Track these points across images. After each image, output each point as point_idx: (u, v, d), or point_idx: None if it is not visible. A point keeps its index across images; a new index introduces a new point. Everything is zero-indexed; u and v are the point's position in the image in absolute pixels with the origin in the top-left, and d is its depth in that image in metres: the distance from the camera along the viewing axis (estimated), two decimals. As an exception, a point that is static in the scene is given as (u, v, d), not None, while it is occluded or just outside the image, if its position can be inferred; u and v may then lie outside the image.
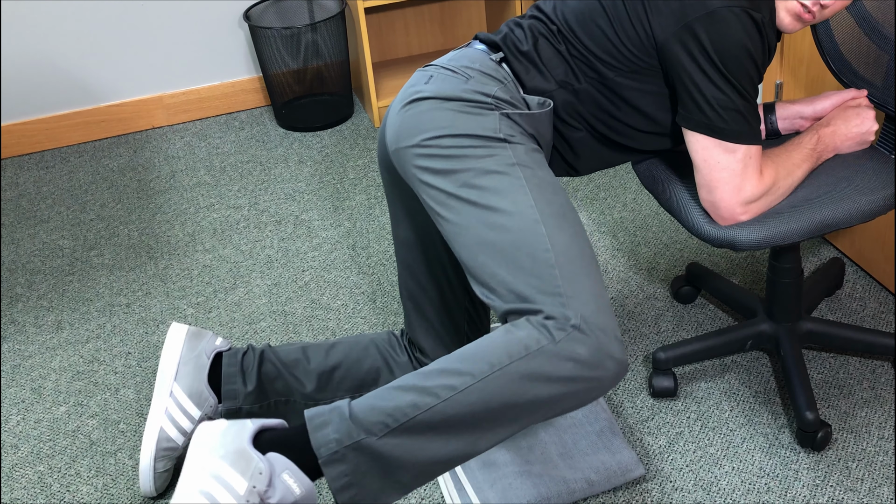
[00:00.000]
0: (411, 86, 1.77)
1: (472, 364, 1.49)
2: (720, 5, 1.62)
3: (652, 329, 2.30)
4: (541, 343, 1.47)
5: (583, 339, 1.47)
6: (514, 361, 1.47)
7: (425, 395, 1.48)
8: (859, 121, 1.87)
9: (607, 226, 2.69)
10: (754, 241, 1.74)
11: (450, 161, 1.64)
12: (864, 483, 1.87)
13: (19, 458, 2.09)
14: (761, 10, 1.66)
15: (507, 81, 1.74)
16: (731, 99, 1.66)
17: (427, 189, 1.65)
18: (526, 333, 1.49)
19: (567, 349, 1.47)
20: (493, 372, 1.48)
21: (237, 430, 1.53)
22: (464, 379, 1.48)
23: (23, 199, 3.07)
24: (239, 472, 1.47)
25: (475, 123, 1.65)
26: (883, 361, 2.14)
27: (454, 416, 1.48)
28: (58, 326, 2.48)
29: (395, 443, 1.48)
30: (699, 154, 1.72)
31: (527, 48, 1.76)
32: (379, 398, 1.50)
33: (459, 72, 1.74)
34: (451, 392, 1.48)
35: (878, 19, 1.86)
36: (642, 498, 1.88)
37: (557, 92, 1.75)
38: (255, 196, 2.98)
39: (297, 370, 1.96)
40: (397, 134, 1.71)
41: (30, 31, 3.20)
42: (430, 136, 1.66)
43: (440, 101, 1.69)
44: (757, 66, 1.67)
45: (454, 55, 1.81)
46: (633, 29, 1.70)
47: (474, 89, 1.70)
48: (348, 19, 3.34)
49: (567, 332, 1.48)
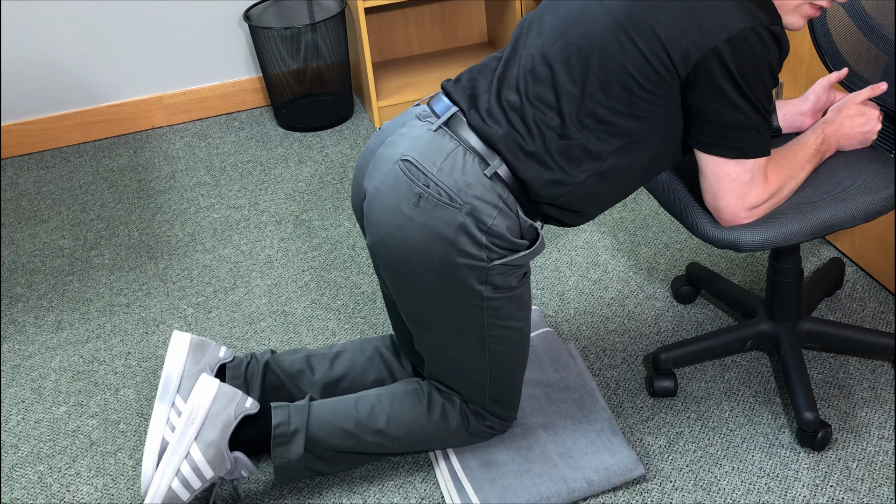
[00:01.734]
0: (403, 180, 1.69)
1: (408, 438, 1.90)
2: (742, 27, 1.57)
3: (652, 329, 2.30)
4: (460, 431, 1.92)
5: (494, 422, 1.93)
6: (436, 441, 1.93)
7: (362, 444, 1.89)
8: (863, 120, 1.86)
9: (607, 226, 2.69)
10: (758, 242, 1.74)
11: (424, 297, 1.76)
12: (864, 483, 1.87)
13: (19, 458, 2.09)
14: (776, 21, 1.62)
15: (504, 196, 1.68)
16: (749, 117, 1.63)
17: (396, 291, 1.81)
18: (455, 426, 1.91)
19: (480, 429, 1.93)
20: (418, 446, 1.94)
21: (223, 426, 1.85)
22: (395, 445, 1.91)
23: (23, 199, 3.07)
24: (212, 468, 1.82)
25: (457, 288, 1.73)
26: (883, 361, 2.14)
27: (379, 453, 1.95)
28: (58, 326, 2.48)
29: (330, 458, 1.91)
30: (709, 167, 1.70)
31: (534, 149, 1.68)
32: (331, 434, 1.88)
33: (455, 199, 1.66)
34: (378, 448, 1.91)
35: (876, 19, 1.86)
36: (642, 498, 1.88)
37: (575, 190, 1.71)
38: (255, 196, 2.98)
39: (302, 382, 1.97)
40: (381, 240, 1.73)
41: (30, 31, 3.20)
42: (411, 277, 1.73)
43: (431, 240, 1.68)
44: (774, 77, 1.64)
45: (444, 163, 1.68)
46: (650, 68, 1.61)
47: (468, 230, 1.66)
48: (348, 19, 3.34)
49: (485, 419, 1.92)
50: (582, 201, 1.74)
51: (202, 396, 1.82)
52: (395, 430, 1.89)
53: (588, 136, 1.67)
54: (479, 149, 1.68)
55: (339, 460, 1.91)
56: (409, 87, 3.42)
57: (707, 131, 1.67)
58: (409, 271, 1.72)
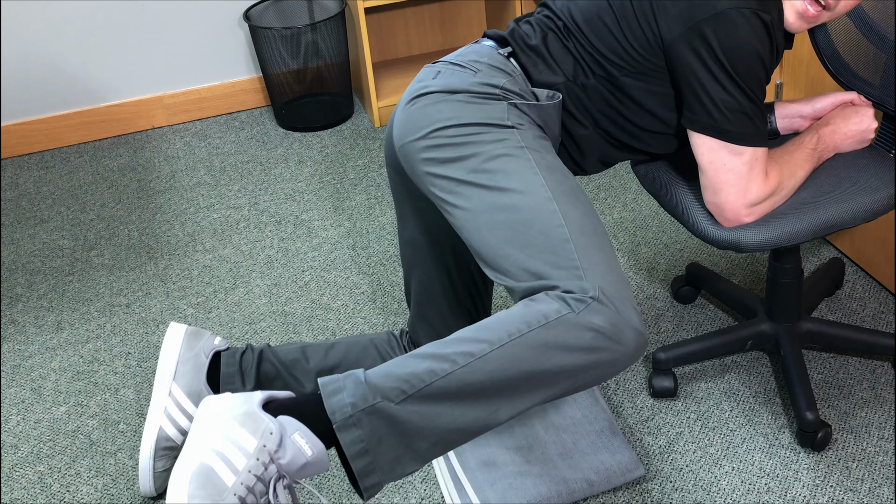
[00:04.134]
0: (418, 81, 1.76)
1: (491, 333, 1.47)
2: (729, 6, 1.61)
3: (652, 329, 2.30)
4: (560, 313, 1.46)
5: (602, 309, 1.46)
6: (533, 330, 1.46)
7: (443, 361, 1.45)
8: (859, 119, 1.87)
9: (607, 226, 2.69)
10: (759, 242, 1.74)
11: (457, 149, 1.62)
12: (864, 483, 1.87)
13: (19, 458, 2.09)
14: (770, 12, 1.64)
15: (515, 74, 1.73)
16: (739, 101, 1.65)
17: (434, 180, 1.64)
18: (545, 305, 1.47)
19: (587, 319, 1.46)
20: (511, 340, 1.46)
21: (245, 397, 1.49)
22: (482, 346, 1.46)
23: (23, 199, 3.07)
24: (249, 431, 1.43)
25: (482, 112, 1.64)
26: (883, 361, 2.14)
27: (472, 383, 1.45)
28: (58, 326, 2.48)
29: (412, 409, 1.45)
30: (705, 156, 1.71)
31: (535, 42, 1.75)
32: (395, 365, 1.48)
33: (467, 66, 1.73)
34: (469, 359, 1.45)
35: (875, 18, 1.86)
36: (642, 498, 1.88)
37: (565, 85, 1.74)
38: (255, 196, 2.98)
39: (297, 370, 1.96)
40: (403, 129, 1.70)
41: (30, 31, 3.20)
42: (436, 127, 1.65)
43: (447, 94, 1.68)
44: (765, 67, 1.66)
45: (462, 51, 1.80)
46: (640, 29, 1.68)
47: (482, 81, 1.69)
48: (348, 19, 3.34)
49: (586, 304, 1.46)
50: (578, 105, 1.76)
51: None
52: (478, 333, 1.49)
53: (597, 84, 1.75)
54: (494, 43, 1.80)
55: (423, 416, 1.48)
56: (409, 87, 3.42)
57: (696, 109, 1.68)
58: (434, 133, 1.66)
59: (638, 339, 1.48)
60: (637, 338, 1.48)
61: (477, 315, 1.95)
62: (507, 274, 1.54)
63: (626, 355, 1.48)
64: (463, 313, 1.93)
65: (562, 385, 1.48)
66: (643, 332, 1.49)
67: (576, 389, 1.50)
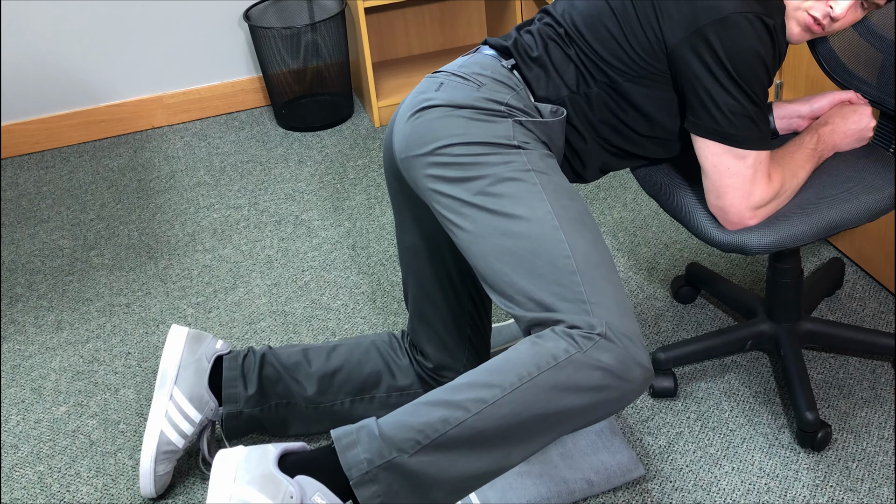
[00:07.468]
0: (420, 93, 1.73)
1: (501, 376, 1.47)
2: (733, 10, 1.60)
3: (652, 329, 2.30)
4: (569, 353, 1.46)
5: (609, 346, 1.47)
6: (543, 372, 1.46)
7: (455, 409, 1.46)
8: (857, 117, 1.87)
9: (607, 226, 2.69)
10: (764, 245, 1.73)
11: (463, 169, 1.61)
12: (864, 483, 1.87)
13: (19, 458, 2.09)
14: (773, 16, 1.64)
15: (519, 89, 1.71)
16: (743, 105, 1.64)
17: (439, 198, 1.63)
18: (553, 344, 1.47)
19: (594, 357, 1.46)
20: (522, 384, 1.46)
21: (260, 455, 1.50)
22: (493, 392, 1.46)
23: (23, 199, 3.07)
24: (269, 497, 1.45)
25: (488, 131, 1.63)
26: (883, 361, 2.14)
27: (485, 429, 1.46)
28: (58, 326, 2.48)
29: (427, 460, 1.46)
30: (709, 160, 1.71)
31: (537, 54, 1.73)
32: (408, 414, 1.48)
33: (471, 79, 1.71)
34: (481, 405, 1.46)
35: (872, 18, 1.86)
36: (642, 498, 1.88)
37: (570, 98, 1.73)
38: (255, 196, 2.98)
39: (299, 373, 1.96)
40: (407, 142, 1.68)
41: (30, 31, 3.20)
42: (442, 144, 1.63)
43: (451, 109, 1.66)
44: (768, 71, 1.65)
45: (464, 61, 1.77)
46: (642, 32, 1.67)
47: (486, 97, 1.67)
48: (348, 19, 3.34)
49: (594, 341, 1.47)
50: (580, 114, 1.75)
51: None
52: (488, 377, 1.49)
53: (600, 92, 1.73)
54: (496, 53, 1.78)
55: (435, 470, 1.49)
56: (409, 87, 3.42)
57: (700, 113, 1.67)
58: (441, 150, 1.64)
59: (644, 375, 1.49)
60: (643, 374, 1.49)
61: (478, 317, 1.95)
62: (512, 301, 1.55)
63: (632, 391, 1.49)
64: (463, 317, 1.93)
65: (571, 424, 1.50)
66: (649, 367, 1.50)
67: (585, 425, 1.51)
